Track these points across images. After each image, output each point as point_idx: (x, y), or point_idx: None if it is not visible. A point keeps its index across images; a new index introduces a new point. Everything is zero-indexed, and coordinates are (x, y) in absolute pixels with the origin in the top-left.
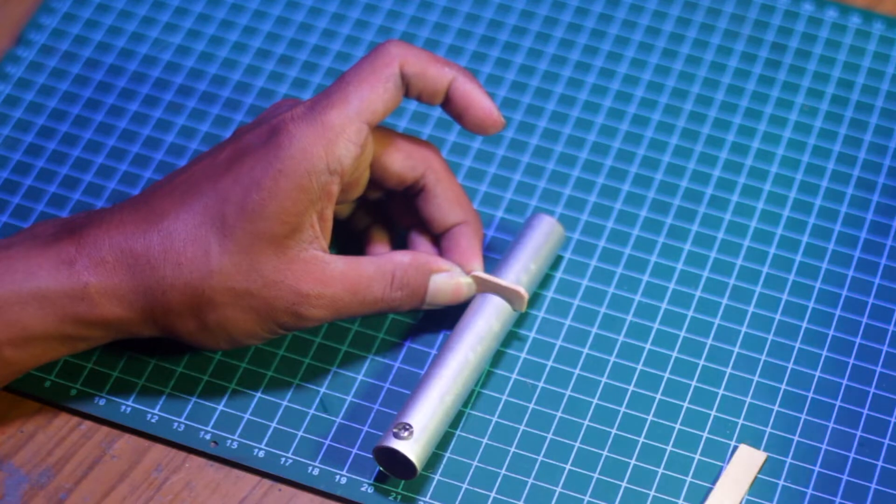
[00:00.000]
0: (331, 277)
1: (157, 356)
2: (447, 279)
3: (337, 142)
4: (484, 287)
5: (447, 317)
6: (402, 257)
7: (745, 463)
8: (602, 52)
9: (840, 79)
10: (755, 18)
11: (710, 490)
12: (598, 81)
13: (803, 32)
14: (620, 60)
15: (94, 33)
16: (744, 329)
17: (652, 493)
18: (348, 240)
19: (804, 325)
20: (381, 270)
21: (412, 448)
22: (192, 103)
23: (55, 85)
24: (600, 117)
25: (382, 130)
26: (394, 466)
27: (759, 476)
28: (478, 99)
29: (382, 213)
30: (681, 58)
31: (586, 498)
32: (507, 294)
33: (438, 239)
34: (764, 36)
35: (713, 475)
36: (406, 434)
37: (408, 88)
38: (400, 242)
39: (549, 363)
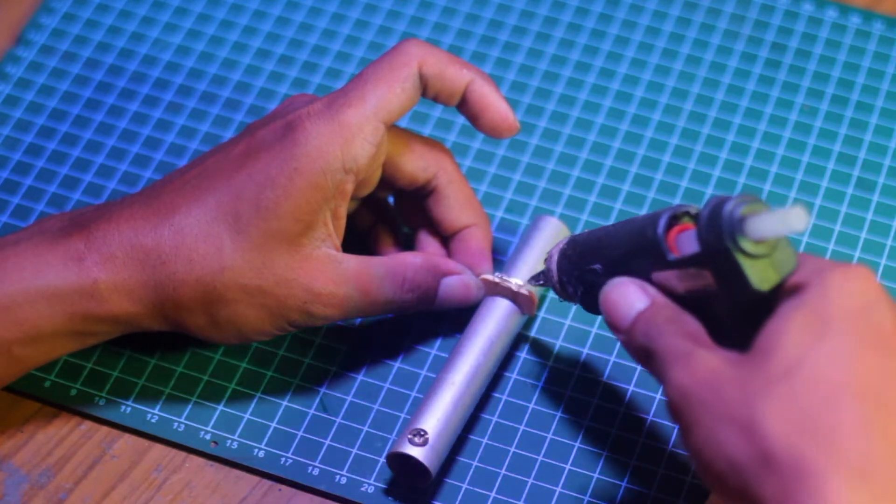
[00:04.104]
0: (343, 277)
1: (157, 356)
2: (458, 282)
3: (353, 141)
4: (493, 290)
5: (447, 318)
6: (413, 259)
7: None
8: (602, 52)
9: (840, 79)
10: (755, 18)
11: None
12: (598, 81)
13: (803, 32)
14: (620, 60)
15: (94, 33)
16: None
17: (652, 492)
18: (349, 237)
19: None
20: (392, 271)
21: (427, 454)
22: (192, 103)
23: (55, 85)
24: (600, 117)
25: (396, 130)
26: (407, 472)
27: None
28: (494, 102)
29: (385, 211)
30: (681, 58)
31: (586, 498)
32: (516, 297)
33: (447, 241)
34: (764, 36)
35: None
36: (420, 440)
37: (425, 89)
38: (406, 242)
39: (549, 363)
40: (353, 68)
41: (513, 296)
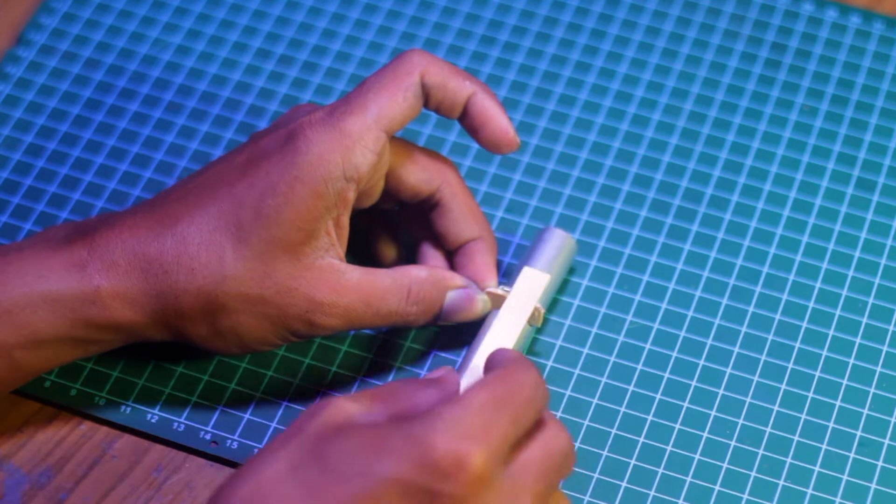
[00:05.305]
0: (345, 287)
1: (156, 356)
2: (463, 295)
3: (354, 149)
4: (499, 303)
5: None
6: (418, 272)
7: (529, 285)
8: (602, 52)
9: (840, 79)
10: (755, 18)
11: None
12: (598, 81)
13: (803, 32)
14: (620, 60)
15: (94, 33)
16: (744, 329)
17: (652, 493)
18: (352, 250)
19: (804, 325)
20: (396, 283)
21: None
22: (192, 103)
23: (55, 85)
24: (600, 117)
25: (400, 142)
26: None
27: (759, 476)
28: (495, 117)
29: (388, 222)
30: (681, 58)
31: (586, 498)
32: None
33: (451, 254)
34: (764, 36)
35: (713, 475)
36: None
37: (427, 99)
38: (410, 255)
39: (550, 363)
40: (352, 69)
41: None
